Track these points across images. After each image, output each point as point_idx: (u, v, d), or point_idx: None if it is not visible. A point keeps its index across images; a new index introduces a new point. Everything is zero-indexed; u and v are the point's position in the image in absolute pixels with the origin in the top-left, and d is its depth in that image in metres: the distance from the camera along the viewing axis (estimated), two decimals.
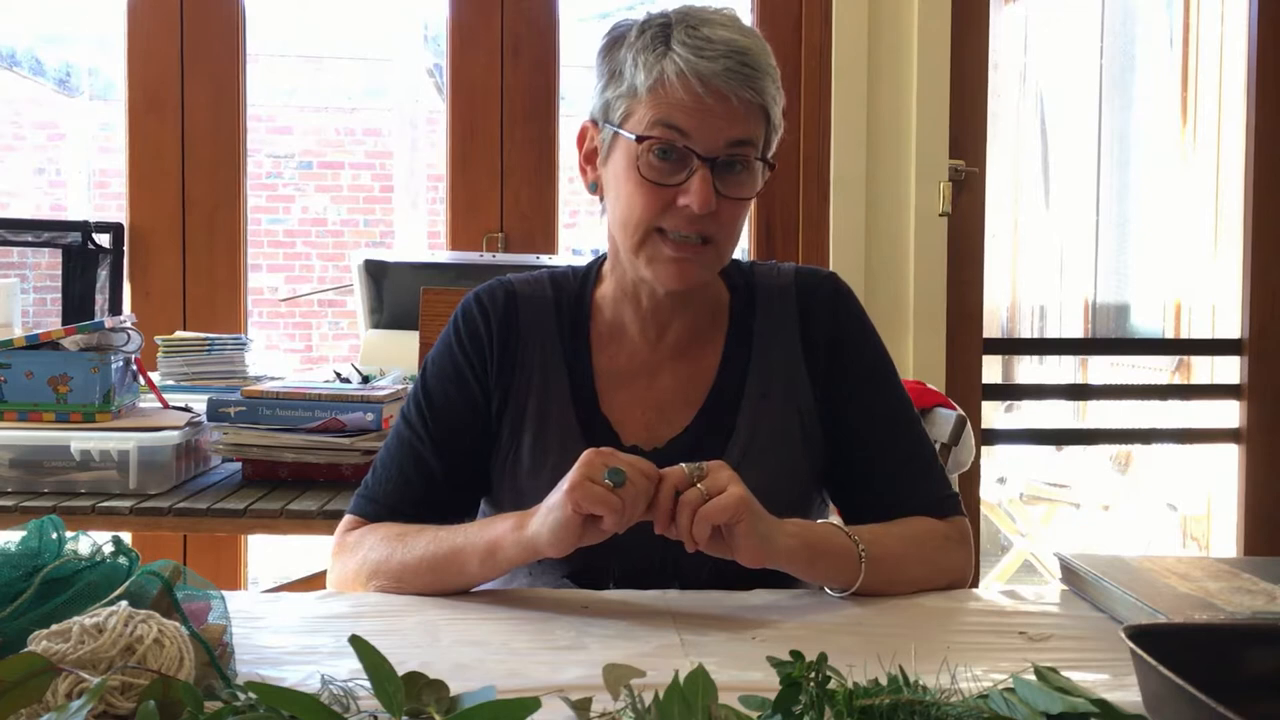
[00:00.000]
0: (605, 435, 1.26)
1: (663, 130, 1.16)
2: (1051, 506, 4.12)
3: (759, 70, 1.16)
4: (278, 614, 1.09)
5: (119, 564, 0.90)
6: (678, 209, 1.17)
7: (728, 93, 1.15)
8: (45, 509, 1.69)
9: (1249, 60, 3.01)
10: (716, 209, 1.17)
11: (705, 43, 1.15)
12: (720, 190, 1.17)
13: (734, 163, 1.18)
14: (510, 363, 1.28)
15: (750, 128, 1.18)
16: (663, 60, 1.16)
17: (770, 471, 1.25)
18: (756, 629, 1.05)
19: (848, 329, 1.32)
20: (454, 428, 1.27)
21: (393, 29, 6.49)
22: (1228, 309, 3.23)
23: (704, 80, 1.14)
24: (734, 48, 1.15)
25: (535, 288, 1.33)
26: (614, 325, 1.31)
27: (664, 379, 1.29)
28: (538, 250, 2.92)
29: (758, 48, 1.18)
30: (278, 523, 1.74)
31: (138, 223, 2.95)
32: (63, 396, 1.84)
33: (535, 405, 1.27)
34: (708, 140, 1.16)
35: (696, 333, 1.31)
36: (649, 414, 1.28)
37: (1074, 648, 1.02)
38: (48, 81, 6.82)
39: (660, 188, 1.17)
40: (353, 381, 2.16)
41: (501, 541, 1.11)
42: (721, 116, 1.15)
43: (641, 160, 1.17)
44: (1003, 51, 5.09)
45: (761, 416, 1.27)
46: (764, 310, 1.32)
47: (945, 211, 2.82)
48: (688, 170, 1.16)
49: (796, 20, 2.94)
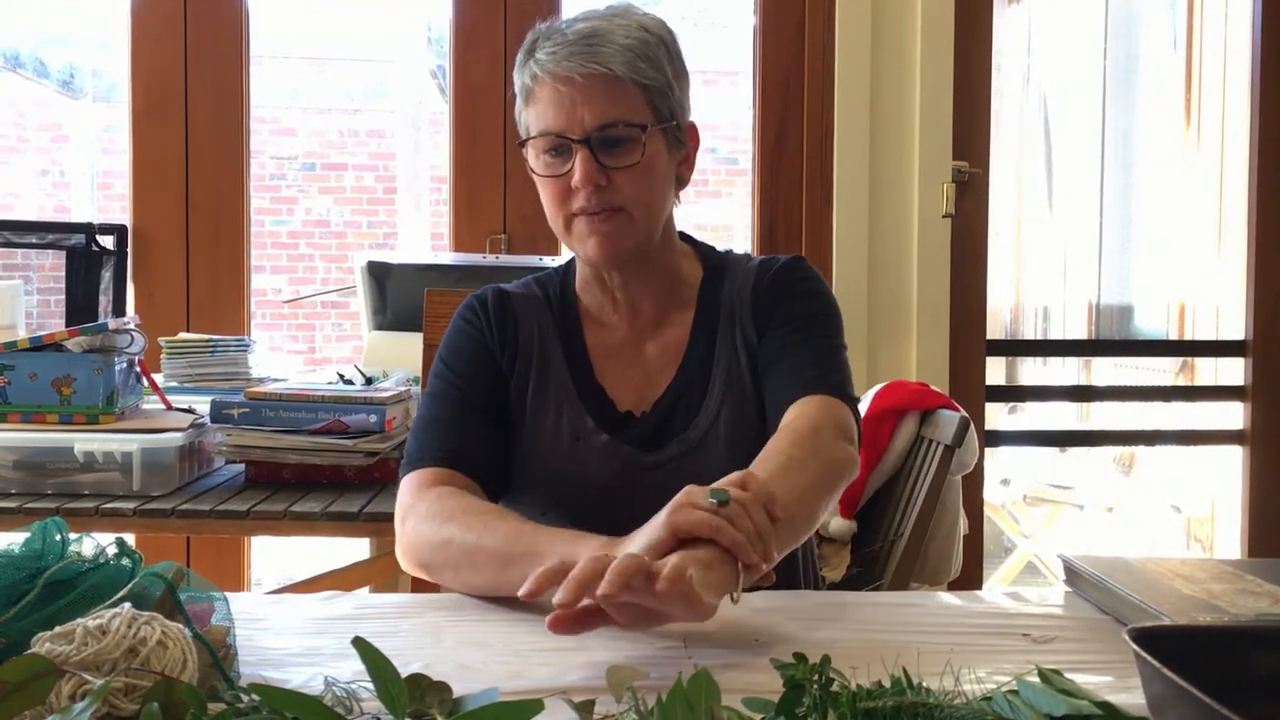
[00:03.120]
0: (601, 402, 1.37)
1: (539, 130, 1.29)
2: (1055, 508, 4.12)
3: (606, 43, 1.26)
4: (281, 615, 1.09)
5: (122, 566, 0.90)
6: (575, 191, 1.29)
7: (572, 74, 1.26)
8: (49, 511, 1.69)
9: (1252, 61, 3.01)
10: (611, 182, 1.28)
11: (560, 38, 1.28)
12: (606, 164, 1.28)
13: (612, 138, 1.27)
14: (512, 347, 1.40)
15: (613, 100, 1.27)
16: (526, 70, 1.30)
17: (740, 423, 1.35)
18: (760, 631, 1.05)
19: (794, 287, 1.41)
20: (481, 382, 1.37)
21: (396, 31, 6.50)
22: (1232, 310, 3.22)
23: (553, 74, 1.27)
24: (583, 34, 1.27)
25: (524, 288, 1.45)
26: (595, 309, 1.43)
27: (647, 349, 1.41)
28: (540, 252, 2.92)
29: (618, 26, 1.28)
30: (281, 524, 1.74)
31: (141, 224, 2.96)
32: (66, 398, 1.84)
33: (537, 380, 1.38)
34: (574, 125, 1.27)
35: (669, 305, 1.42)
36: (637, 380, 1.40)
37: (1077, 650, 1.02)
38: (51, 83, 6.83)
39: (556, 179, 1.30)
40: (356, 383, 2.16)
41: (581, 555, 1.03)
42: (579, 100, 1.26)
43: (538, 162, 1.32)
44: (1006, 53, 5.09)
45: (731, 378, 1.37)
46: (730, 287, 1.42)
47: (949, 213, 2.82)
48: (573, 157, 1.28)
49: (800, 22, 2.94)
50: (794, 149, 2.96)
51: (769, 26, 2.97)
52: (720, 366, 1.38)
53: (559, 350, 1.40)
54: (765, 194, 2.98)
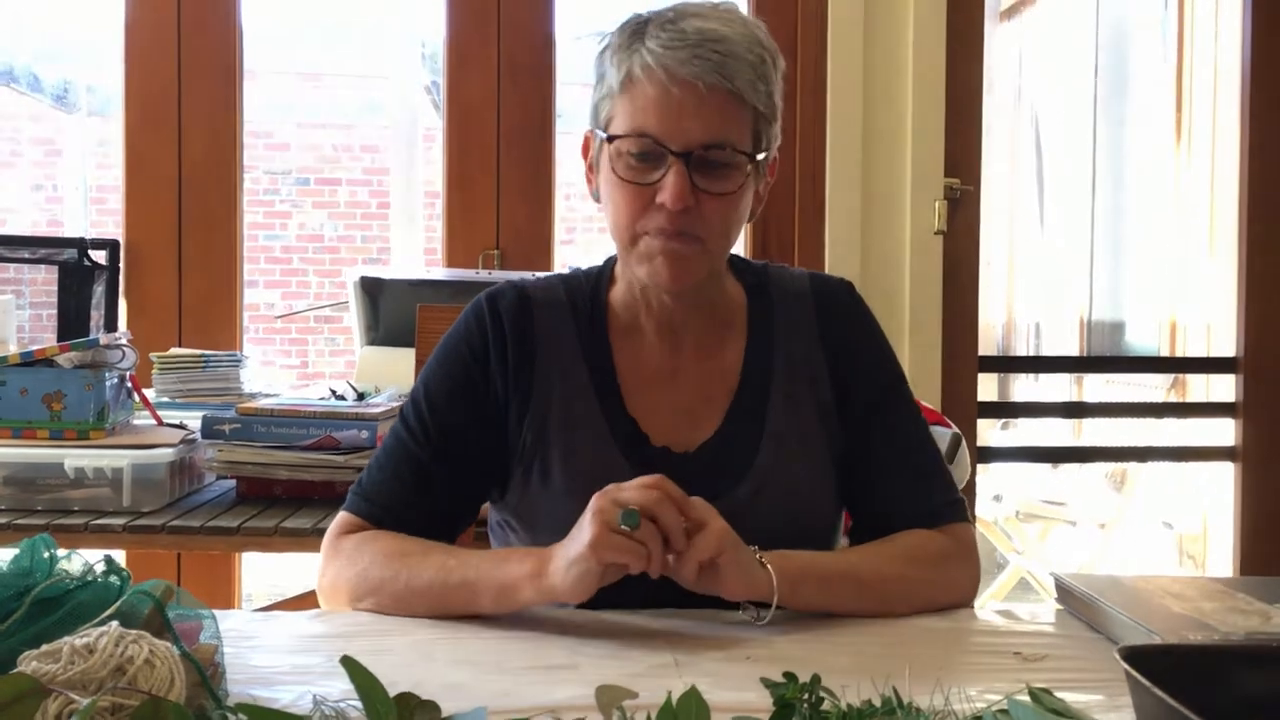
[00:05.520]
0: (633, 435, 1.24)
1: (633, 129, 1.14)
2: (1048, 524, 4.12)
3: (732, 56, 1.12)
4: (270, 633, 1.09)
5: (110, 583, 0.89)
6: (658, 207, 1.15)
7: (693, 80, 1.11)
8: (39, 527, 1.68)
9: (1242, 78, 3.02)
10: (699, 206, 1.15)
11: (677, 34, 1.13)
12: (699, 185, 1.14)
13: (715, 160, 1.15)
14: (528, 365, 1.25)
15: (727, 119, 1.15)
16: (632, 56, 1.14)
17: (801, 472, 1.25)
18: (750, 649, 1.05)
19: (863, 334, 1.32)
20: (455, 433, 1.24)
21: (390, 47, 6.51)
22: (1223, 326, 3.23)
23: (669, 71, 1.12)
24: (707, 36, 1.12)
25: (548, 290, 1.30)
26: (630, 326, 1.28)
27: (687, 380, 1.27)
28: (534, 268, 2.92)
29: (739, 34, 1.14)
30: (272, 540, 1.73)
31: (134, 239, 2.95)
32: (57, 414, 1.83)
33: (560, 407, 1.24)
34: (679, 135, 1.13)
35: (714, 333, 1.29)
36: (674, 414, 1.26)
37: (1069, 668, 1.02)
38: (45, 98, 6.83)
39: (639, 187, 1.16)
40: (348, 399, 2.16)
41: (518, 585, 1.09)
42: (691, 109, 1.13)
43: (619, 162, 1.16)
44: (998, 70, 5.11)
45: (789, 417, 1.26)
46: (782, 310, 1.30)
47: (941, 229, 2.83)
48: (664, 167, 1.14)
49: (792, 40, 2.95)
50: (787, 166, 2.97)
51: None
52: (775, 409, 1.26)
53: (584, 372, 1.25)
54: (757, 211, 2.99)
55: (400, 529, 1.21)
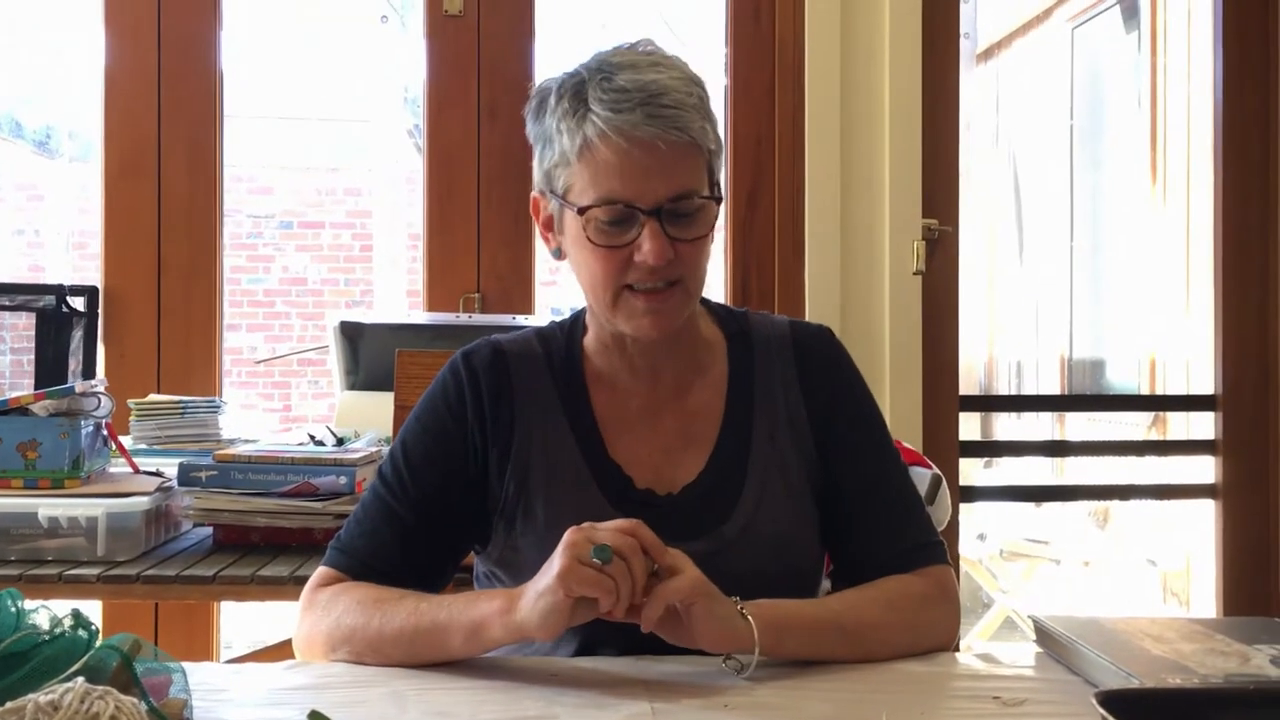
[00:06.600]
0: (616, 479, 1.25)
1: (601, 197, 1.16)
2: (1032, 563, 4.13)
3: (680, 106, 1.14)
4: (241, 686, 1.07)
5: (78, 637, 0.88)
6: (638, 265, 1.17)
7: (651, 140, 1.13)
8: (11, 578, 1.66)
9: (1215, 119, 3.06)
10: (675, 253, 1.17)
11: (620, 93, 1.14)
12: (673, 235, 1.17)
13: (683, 210, 1.17)
14: (506, 419, 1.26)
15: (686, 169, 1.17)
16: (583, 124, 1.15)
17: (785, 512, 1.26)
18: (728, 697, 1.04)
19: (842, 379, 1.34)
20: (434, 490, 1.25)
21: (373, 90, 6.55)
22: (1201, 364, 3.25)
23: (625, 135, 1.13)
24: (649, 91, 1.14)
25: (523, 344, 1.32)
26: (607, 372, 1.30)
27: (667, 421, 1.29)
28: (515, 310, 2.92)
29: (673, 81, 1.16)
30: (249, 589, 1.71)
31: (113, 285, 2.94)
32: (31, 463, 1.81)
33: (541, 457, 1.25)
34: (646, 195, 1.15)
35: (691, 372, 1.31)
36: (656, 456, 1.27)
37: (1048, 712, 1.01)
38: (27, 143, 6.84)
39: (615, 250, 1.18)
40: (327, 444, 2.15)
41: (488, 622, 1.09)
42: (653, 167, 1.14)
43: (590, 229, 1.18)
44: (975, 111, 5.17)
45: (772, 458, 1.27)
46: (762, 356, 1.32)
47: (919, 270, 2.84)
48: (636, 227, 1.16)
49: (770, 83, 2.98)
50: (766, 208, 2.99)
51: (739, 87, 3.01)
52: (758, 450, 1.27)
53: (564, 421, 1.27)
54: (738, 253, 3.00)
55: (381, 583, 1.21)
